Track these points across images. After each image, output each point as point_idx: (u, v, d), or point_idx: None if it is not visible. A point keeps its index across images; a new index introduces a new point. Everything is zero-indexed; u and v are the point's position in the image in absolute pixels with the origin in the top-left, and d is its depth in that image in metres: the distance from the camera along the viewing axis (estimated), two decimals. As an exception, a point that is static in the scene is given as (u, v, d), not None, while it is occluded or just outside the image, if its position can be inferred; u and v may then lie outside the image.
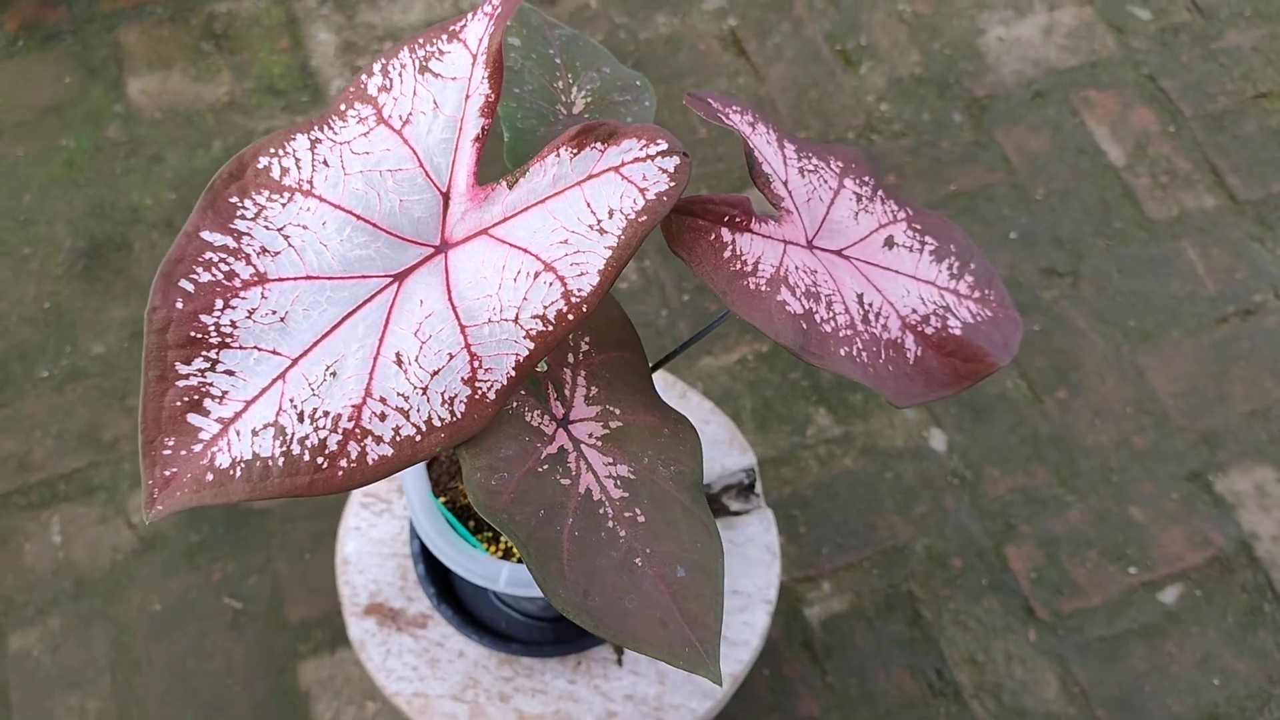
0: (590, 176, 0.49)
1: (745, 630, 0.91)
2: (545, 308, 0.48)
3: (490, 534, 0.81)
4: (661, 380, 0.99)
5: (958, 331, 0.57)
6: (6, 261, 1.54)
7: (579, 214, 0.49)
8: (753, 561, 0.92)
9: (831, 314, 0.53)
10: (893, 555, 1.39)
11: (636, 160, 0.49)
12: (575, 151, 0.50)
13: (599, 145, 0.49)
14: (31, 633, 1.33)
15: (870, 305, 0.55)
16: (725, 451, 0.97)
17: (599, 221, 0.48)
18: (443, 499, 0.76)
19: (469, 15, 0.53)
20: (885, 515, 1.41)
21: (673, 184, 0.48)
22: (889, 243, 0.58)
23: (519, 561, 0.78)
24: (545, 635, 0.90)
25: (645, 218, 0.48)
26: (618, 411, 0.54)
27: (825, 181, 0.58)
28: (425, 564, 0.90)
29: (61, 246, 1.56)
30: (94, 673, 1.31)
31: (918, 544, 1.39)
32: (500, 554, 0.79)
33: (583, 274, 0.48)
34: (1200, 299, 1.54)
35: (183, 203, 1.59)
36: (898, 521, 1.41)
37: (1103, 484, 1.43)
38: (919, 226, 0.60)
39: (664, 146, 0.49)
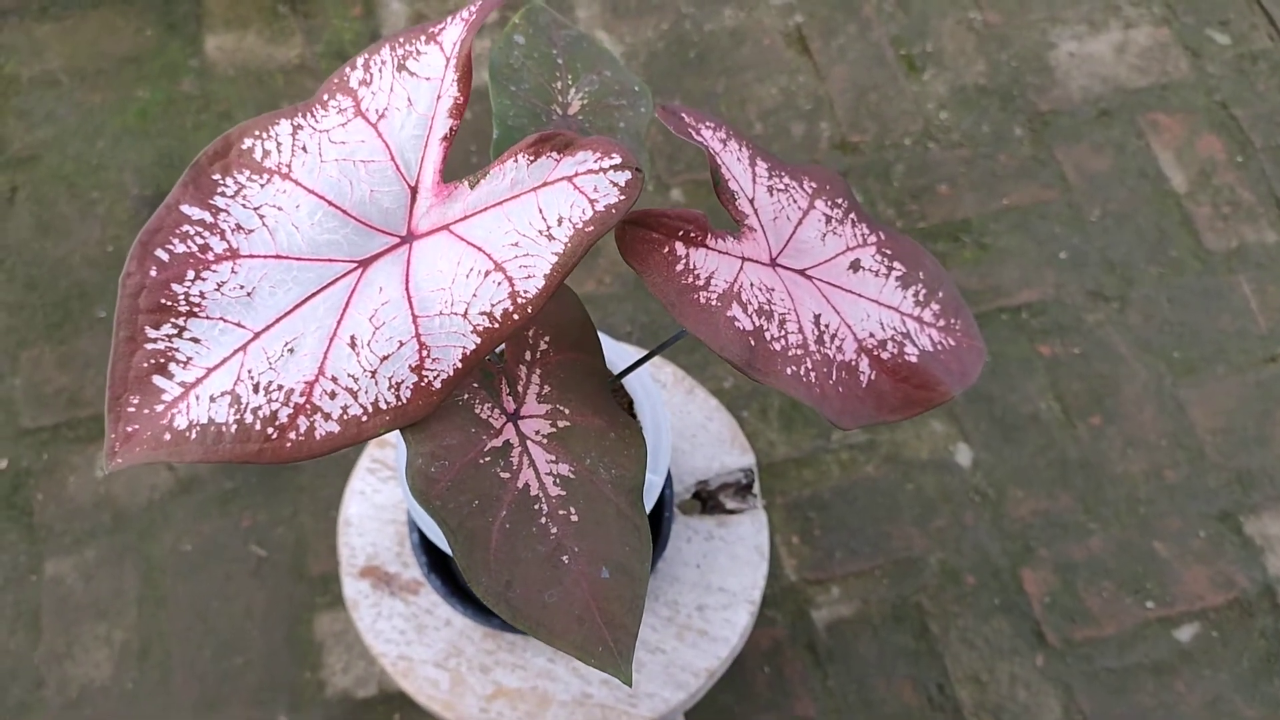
0: (544, 184, 0.51)
1: (725, 627, 0.93)
2: (493, 306, 0.50)
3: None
4: (670, 374, 1.01)
5: (914, 359, 0.58)
6: (75, 204, 1.61)
7: (531, 219, 0.51)
8: (741, 561, 0.94)
9: (783, 332, 0.54)
10: (905, 566, 1.39)
11: (590, 172, 0.50)
12: (532, 158, 0.51)
13: (555, 154, 0.51)
14: (67, 561, 1.40)
15: (826, 326, 0.56)
16: (725, 450, 0.98)
17: (549, 228, 0.50)
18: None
19: (448, 18, 0.55)
20: (902, 525, 1.41)
21: (623, 197, 0.50)
22: (855, 266, 0.59)
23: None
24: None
25: (592, 228, 0.50)
26: (567, 411, 0.56)
27: (795, 201, 0.59)
28: (419, 533, 0.93)
29: (128, 194, 1.62)
30: (122, 604, 1.37)
31: (932, 557, 1.39)
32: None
33: (530, 276, 0.50)
34: (1250, 336, 1.51)
35: (247, 160, 1.64)
36: (914, 533, 1.41)
37: (1128, 514, 1.41)
38: (889, 252, 0.60)
39: (617, 160, 0.50)
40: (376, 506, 0.98)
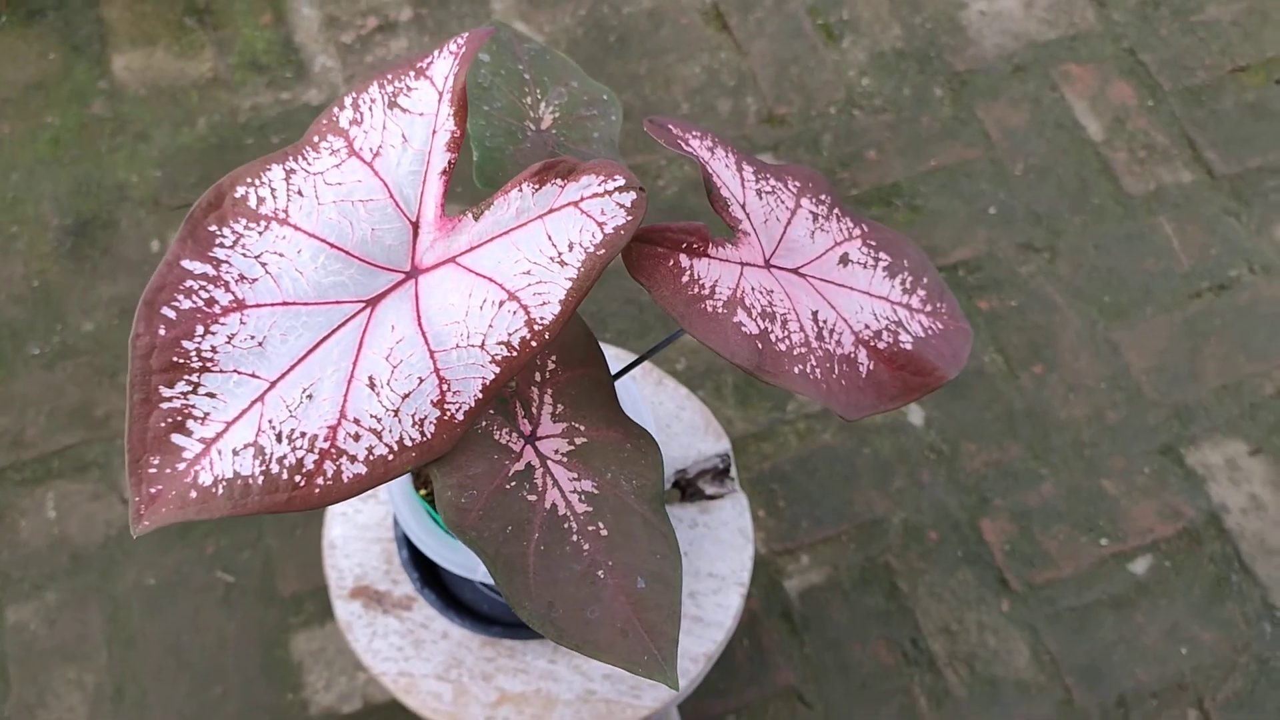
0: (551, 211, 0.51)
1: (719, 612, 0.94)
2: (510, 335, 0.51)
3: (469, 526, 0.84)
4: (640, 367, 1.02)
5: (909, 346, 0.60)
6: (-4, 241, 1.56)
7: (540, 246, 0.51)
8: (726, 545, 0.96)
9: (786, 333, 0.55)
10: (870, 529, 1.42)
11: (595, 195, 0.51)
12: (537, 187, 0.52)
13: (559, 181, 0.52)
14: (28, 607, 1.37)
15: (825, 322, 0.57)
16: (700, 437, 1.00)
17: (560, 254, 0.51)
18: (423, 492, 0.79)
19: (435, 52, 0.55)
20: (863, 490, 1.44)
21: (629, 218, 0.51)
22: (844, 260, 0.60)
23: (497, 552, 0.81)
24: (525, 618, 0.94)
25: (603, 251, 0.50)
26: (583, 428, 0.57)
27: (782, 202, 0.60)
28: (408, 550, 0.93)
29: (49, 225, 1.57)
30: (90, 646, 1.35)
31: (895, 518, 1.43)
32: (479, 545, 0.82)
33: (545, 303, 0.51)
34: (1175, 275, 1.57)
35: (169, 180, 1.60)
36: (875, 496, 1.44)
37: (1075, 458, 1.46)
38: (874, 243, 0.62)
39: (621, 182, 0.51)
40: (359, 527, 0.97)
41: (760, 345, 0.54)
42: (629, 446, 0.57)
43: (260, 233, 0.52)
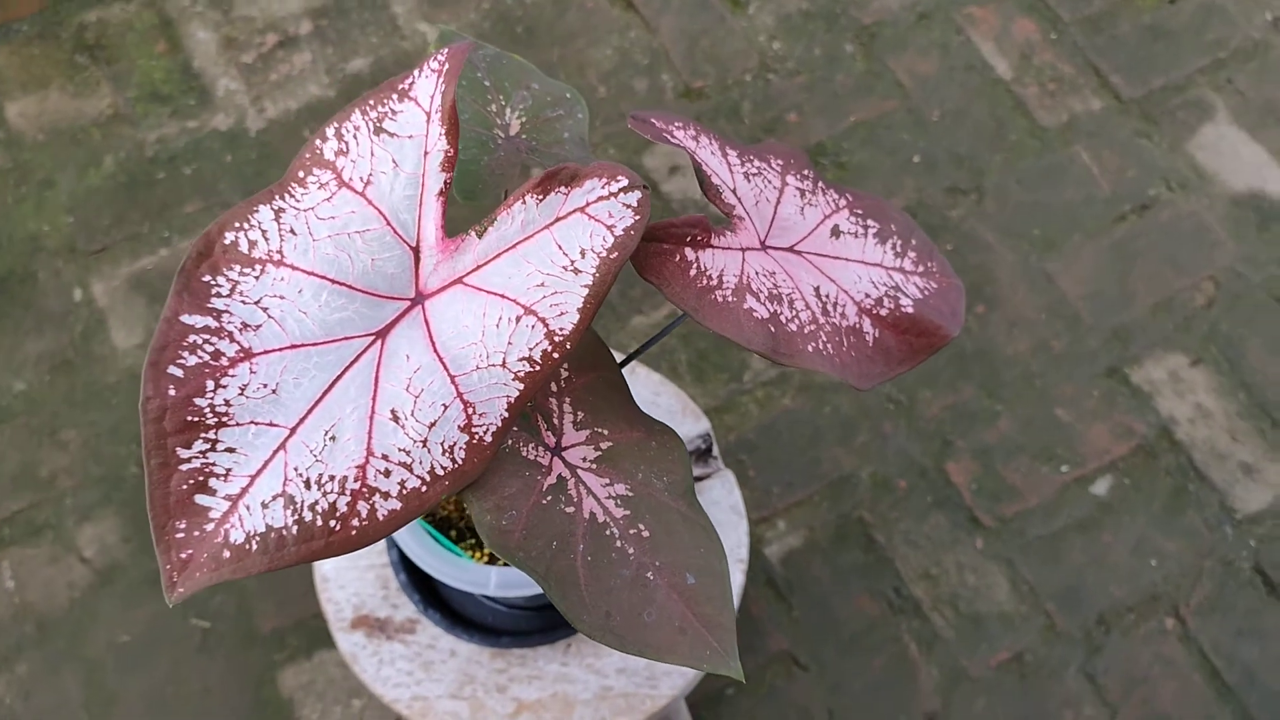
0: (558, 219, 0.51)
1: (722, 590, 0.95)
2: (530, 349, 0.50)
3: (473, 541, 0.83)
4: (608, 359, 1.01)
5: (910, 309, 0.61)
6: (-92, 310, 1.49)
7: (551, 256, 0.51)
8: (722, 524, 0.96)
9: (794, 312, 0.55)
10: (840, 486, 1.44)
11: (600, 199, 0.50)
12: (541, 197, 0.51)
13: (563, 189, 0.51)
14: None
15: (827, 296, 0.58)
16: (679, 421, 1.00)
17: (573, 262, 0.50)
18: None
19: (415, 72, 0.54)
20: (828, 449, 1.46)
21: (638, 217, 0.50)
22: (835, 231, 0.61)
23: (505, 565, 0.81)
24: (533, 624, 0.93)
25: (616, 254, 0.50)
26: (606, 432, 0.56)
27: (770, 182, 0.60)
28: (406, 572, 0.92)
29: (-36, 287, 1.51)
30: (69, 713, 1.31)
31: (863, 472, 1.45)
32: (485, 559, 0.81)
33: (563, 314, 0.50)
34: (1097, 201, 1.61)
35: (82, 225, 1.55)
36: (841, 453, 1.46)
37: (1027, 390, 1.50)
38: (860, 211, 0.63)
39: (625, 183, 0.50)
40: (350, 557, 0.96)
41: (773, 329, 0.54)
42: (653, 444, 0.57)
43: (257, 277, 0.50)
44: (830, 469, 1.45)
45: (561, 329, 0.50)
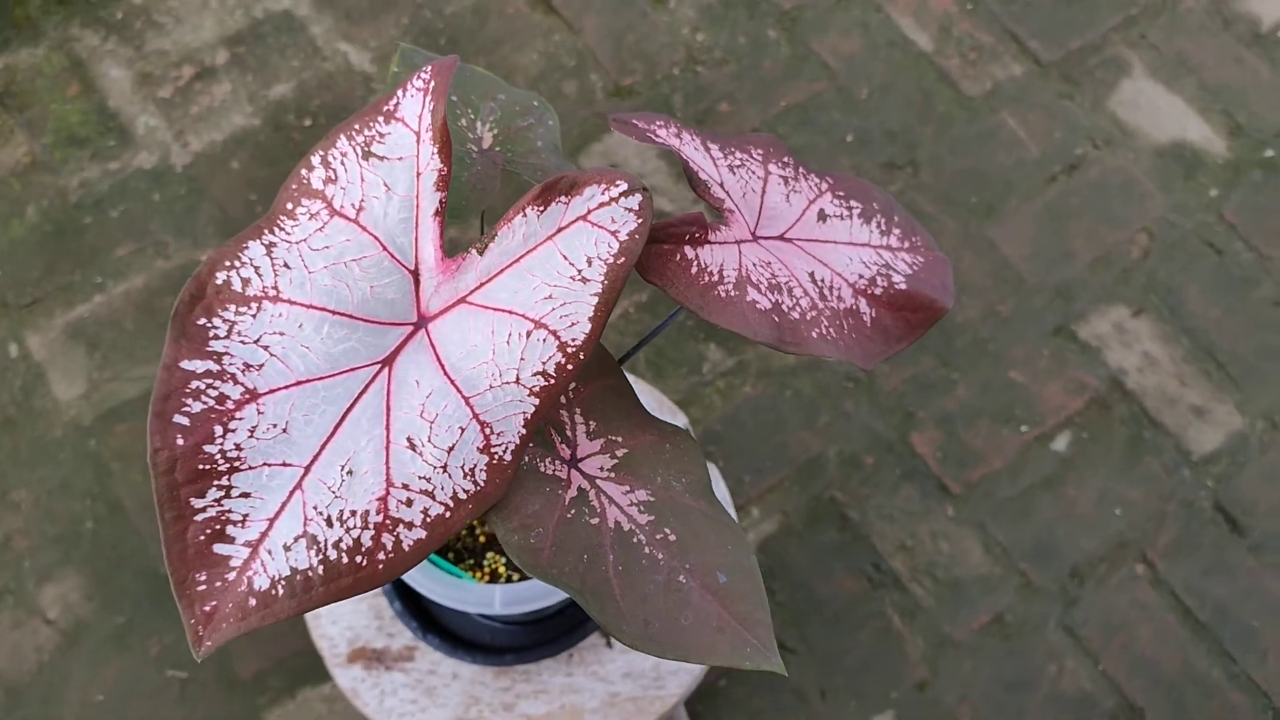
0: (560, 229, 0.50)
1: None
2: (544, 363, 0.49)
3: (472, 561, 0.82)
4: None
5: (903, 285, 0.61)
6: None
7: (557, 267, 0.50)
8: (709, 518, 0.96)
9: (794, 300, 0.55)
10: (809, 468, 1.45)
11: (601, 205, 0.50)
12: (542, 208, 0.50)
13: (563, 198, 0.50)
14: (-25, 758, 1.28)
15: (822, 281, 0.58)
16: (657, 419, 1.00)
17: (579, 271, 0.50)
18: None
19: (399, 92, 0.53)
20: (794, 432, 1.47)
21: (640, 220, 0.50)
22: (822, 216, 0.61)
23: (507, 581, 0.80)
24: (533, 638, 0.92)
25: (623, 259, 0.49)
26: (620, 439, 0.56)
27: (753, 172, 0.60)
28: (401, 600, 0.90)
29: (-108, 354, 1.46)
30: (53, 781, 1.27)
31: (830, 452, 1.46)
32: (486, 578, 0.80)
33: (574, 324, 0.49)
34: (1028, 164, 1.64)
35: (11, 278, 1.50)
36: (806, 435, 1.47)
37: (980, 356, 1.52)
38: (842, 193, 0.63)
39: (624, 187, 0.50)
40: (339, 589, 0.94)
41: (777, 319, 0.54)
42: (668, 447, 0.56)
43: (254, 315, 0.49)
44: (798, 452, 1.46)
45: (574, 340, 0.49)
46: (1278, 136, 1.65)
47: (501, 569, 0.80)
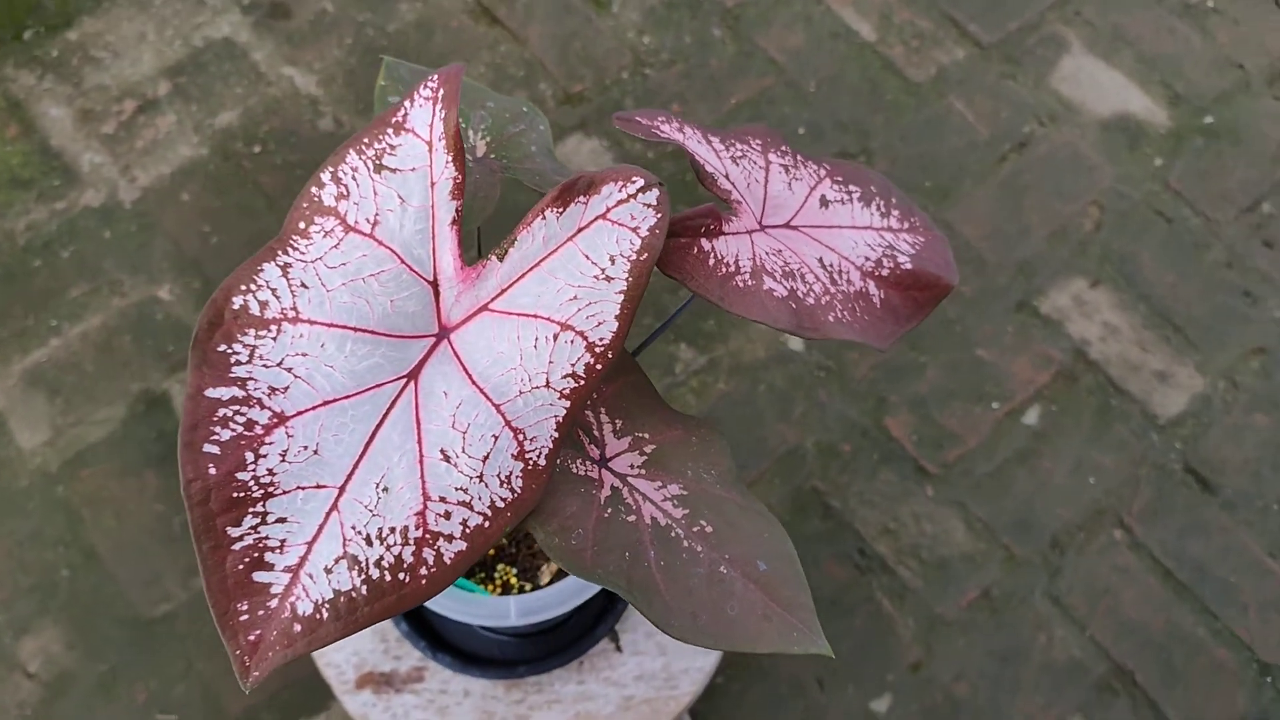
0: (580, 230, 0.50)
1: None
2: (573, 365, 0.49)
3: (483, 574, 0.81)
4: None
5: (909, 265, 0.62)
6: None
7: (580, 268, 0.50)
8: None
9: (808, 286, 0.56)
10: (788, 460, 1.46)
11: (620, 203, 0.50)
12: (561, 209, 0.50)
13: (582, 198, 0.50)
14: (-36, 822, 1.24)
15: (831, 266, 0.58)
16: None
17: (603, 270, 0.49)
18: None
19: (406, 103, 0.52)
20: (771, 425, 1.48)
21: (659, 215, 0.50)
22: (823, 202, 0.61)
23: (520, 592, 0.79)
24: (542, 649, 0.92)
25: (646, 255, 0.49)
26: (647, 435, 0.56)
27: (755, 163, 0.60)
28: (407, 621, 0.89)
29: None
30: (48, 838, 1.24)
31: (807, 442, 1.47)
32: (499, 591, 0.80)
33: (600, 323, 0.49)
34: (979, 145, 1.66)
35: (-36, 328, 1.47)
36: (784, 428, 1.48)
37: (947, 336, 1.54)
38: (840, 178, 0.63)
39: (640, 183, 0.50)
40: (341, 615, 0.93)
41: (794, 305, 0.54)
42: (694, 440, 0.56)
43: (274, 338, 0.48)
44: (776, 444, 1.47)
45: (601, 339, 0.49)
46: (1216, 103, 1.69)
47: (514, 580, 0.80)
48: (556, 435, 0.50)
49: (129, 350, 1.47)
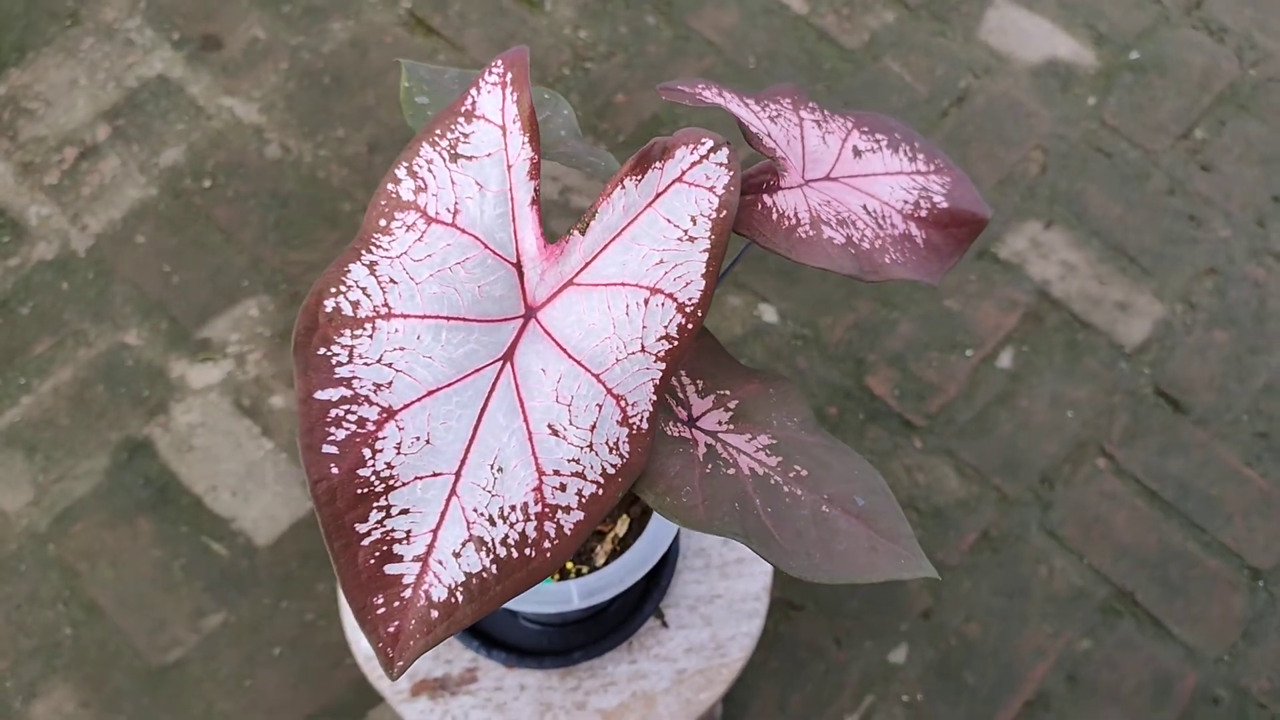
0: (658, 196, 0.51)
1: (754, 581, 0.97)
2: (666, 327, 0.50)
3: (540, 563, 0.82)
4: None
5: (945, 204, 0.64)
6: None
7: (663, 231, 0.51)
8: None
9: (861, 232, 0.58)
10: (779, 429, 1.48)
11: (694, 164, 0.51)
12: (639, 177, 0.51)
13: (657, 164, 0.51)
14: None
15: (875, 212, 0.60)
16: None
17: (685, 231, 0.51)
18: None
19: (472, 91, 0.53)
20: (758, 397, 1.50)
21: (731, 173, 0.51)
22: (856, 152, 0.63)
23: (577, 575, 0.80)
24: (589, 635, 0.93)
25: (725, 212, 0.51)
26: (728, 393, 0.57)
27: (790, 120, 0.62)
28: (458, 623, 0.90)
29: None
30: None
31: (795, 410, 1.49)
32: (557, 576, 0.80)
33: (688, 284, 0.50)
34: (920, 103, 1.70)
35: (-71, 397, 1.43)
36: (770, 398, 1.50)
37: (914, 291, 1.57)
38: (866, 128, 0.65)
39: (711, 144, 0.51)
40: (388, 627, 0.93)
41: (853, 251, 0.56)
42: (771, 391, 0.58)
43: (370, 336, 0.49)
44: (765, 416, 1.49)
45: (690, 299, 0.50)
46: (1139, 38, 1.76)
47: (569, 564, 0.80)
48: (655, 398, 0.51)
49: (103, 399, 1.45)
